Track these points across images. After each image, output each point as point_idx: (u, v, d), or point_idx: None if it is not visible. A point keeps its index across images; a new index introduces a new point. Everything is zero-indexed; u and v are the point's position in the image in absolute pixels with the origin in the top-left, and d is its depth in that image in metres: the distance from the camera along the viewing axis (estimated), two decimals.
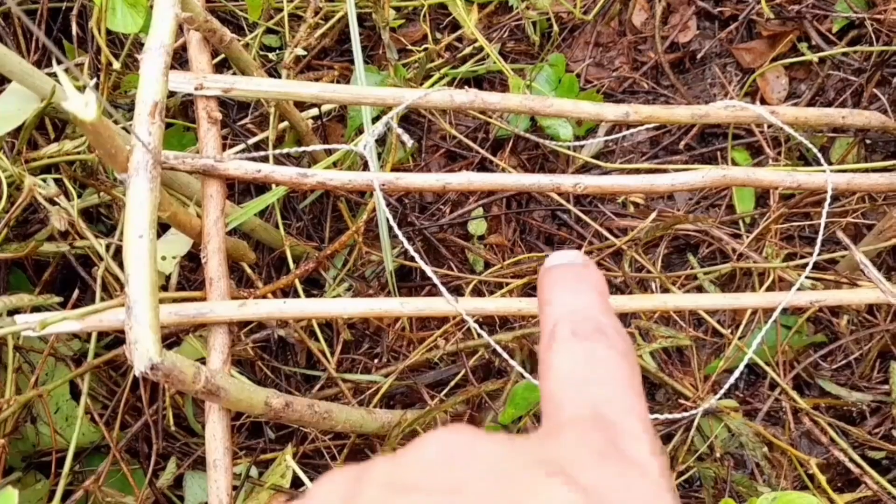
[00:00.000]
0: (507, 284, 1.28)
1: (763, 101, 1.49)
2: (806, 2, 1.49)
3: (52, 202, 0.90)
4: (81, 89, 0.72)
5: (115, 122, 0.89)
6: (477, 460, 0.32)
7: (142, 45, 1.22)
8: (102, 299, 0.97)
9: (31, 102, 0.88)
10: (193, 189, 1.02)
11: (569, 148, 1.38)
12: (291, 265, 1.20)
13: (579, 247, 1.35)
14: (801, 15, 1.48)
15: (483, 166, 1.46)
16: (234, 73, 1.14)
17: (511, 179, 1.03)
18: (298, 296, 1.21)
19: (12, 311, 0.87)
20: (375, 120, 1.18)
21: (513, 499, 0.30)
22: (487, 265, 1.37)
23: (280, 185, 1.00)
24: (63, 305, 0.98)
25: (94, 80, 1.01)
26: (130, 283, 0.71)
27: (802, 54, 1.48)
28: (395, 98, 1.00)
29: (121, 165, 0.78)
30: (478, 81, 1.52)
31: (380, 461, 0.34)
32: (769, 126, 1.26)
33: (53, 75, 0.91)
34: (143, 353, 0.70)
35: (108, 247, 0.99)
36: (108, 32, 0.99)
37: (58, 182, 0.96)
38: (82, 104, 0.71)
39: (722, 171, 1.02)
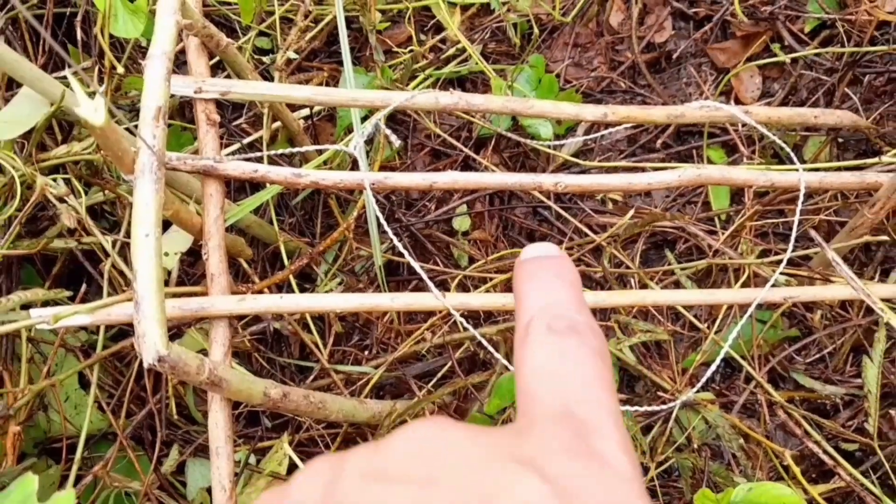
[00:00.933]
0: (491, 279, 1.32)
1: (737, 101, 1.54)
2: (778, 3, 1.54)
3: (62, 201, 0.93)
4: (91, 95, 0.76)
5: (120, 124, 0.93)
6: (452, 453, 0.33)
7: (141, 47, 1.26)
8: (109, 293, 1.01)
9: (41, 106, 0.91)
10: (193, 187, 1.05)
11: (549, 146, 1.42)
12: (285, 260, 1.24)
13: (560, 242, 1.39)
14: (773, 16, 1.53)
15: (466, 164, 1.50)
16: (229, 75, 1.18)
17: (494, 178, 1.07)
18: (292, 290, 1.25)
19: (25, 306, 0.91)
20: (364, 119, 1.22)
21: (485, 491, 0.31)
22: (472, 260, 1.41)
23: (275, 185, 1.04)
24: (71, 299, 1.02)
25: (102, 85, 1.04)
26: (138, 280, 0.75)
27: (775, 54, 1.52)
28: (383, 100, 1.04)
29: (127, 167, 0.82)
30: (461, 81, 1.57)
31: (359, 450, 0.35)
32: (743, 125, 1.30)
33: (62, 80, 0.95)
34: (150, 345, 0.74)
35: (113, 243, 1.03)
36: (110, 37, 1.02)
37: (65, 181, 0.99)
38: (93, 109, 0.75)
39: (697, 171, 1.06)
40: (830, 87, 1.47)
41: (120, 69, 1.01)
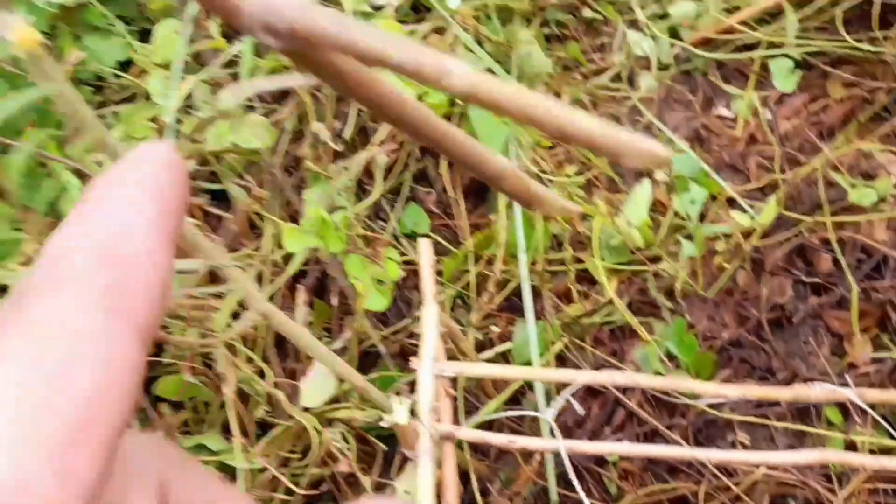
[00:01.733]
0: None
1: (851, 365, 1.79)
2: (888, 290, 1.80)
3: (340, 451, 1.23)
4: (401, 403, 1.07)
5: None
6: None
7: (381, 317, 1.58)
8: None
9: (330, 381, 1.23)
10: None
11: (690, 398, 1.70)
12: (474, 483, 1.51)
13: (698, 482, 1.63)
14: (882, 301, 1.79)
15: (617, 402, 1.77)
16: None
17: (659, 450, 1.35)
18: None
19: None
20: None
21: None
22: (619, 489, 1.67)
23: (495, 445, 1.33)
24: None
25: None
26: None
27: (887, 324, 1.77)
28: (570, 378, 1.33)
29: (410, 444, 1.12)
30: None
31: None
32: None
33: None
34: None
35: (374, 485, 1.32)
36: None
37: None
38: (401, 414, 1.07)
39: (819, 454, 1.31)
40: None
41: (381, 349, 1.34)
